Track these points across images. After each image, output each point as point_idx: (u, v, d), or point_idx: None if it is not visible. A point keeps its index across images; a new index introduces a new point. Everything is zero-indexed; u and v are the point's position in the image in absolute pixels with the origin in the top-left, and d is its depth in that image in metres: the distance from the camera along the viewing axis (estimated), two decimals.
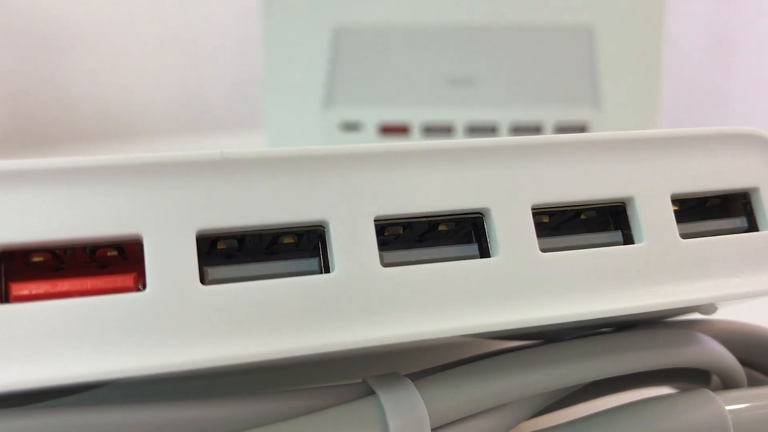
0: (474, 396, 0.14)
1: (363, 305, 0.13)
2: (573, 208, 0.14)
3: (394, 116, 0.35)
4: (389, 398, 0.13)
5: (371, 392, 0.14)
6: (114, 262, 0.13)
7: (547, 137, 0.14)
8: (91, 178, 0.12)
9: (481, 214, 0.14)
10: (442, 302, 0.13)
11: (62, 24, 0.72)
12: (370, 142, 0.19)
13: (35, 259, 0.12)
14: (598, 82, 0.35)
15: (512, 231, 0.14)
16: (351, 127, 0.36)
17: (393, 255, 0.14)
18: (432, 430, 0.14)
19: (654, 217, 0.15)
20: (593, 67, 0.35)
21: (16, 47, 0.71)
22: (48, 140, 0.72)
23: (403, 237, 0.14)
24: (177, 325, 0.12)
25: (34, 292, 0.12)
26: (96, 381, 0.12)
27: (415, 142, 0.14)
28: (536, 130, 0.35)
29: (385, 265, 0.13)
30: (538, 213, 0.14)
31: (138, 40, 0.75)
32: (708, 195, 0.15)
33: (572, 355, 0.15)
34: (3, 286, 0.12)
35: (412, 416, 0.13)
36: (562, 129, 0.35)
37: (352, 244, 0.13)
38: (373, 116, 0.36)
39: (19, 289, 0.12)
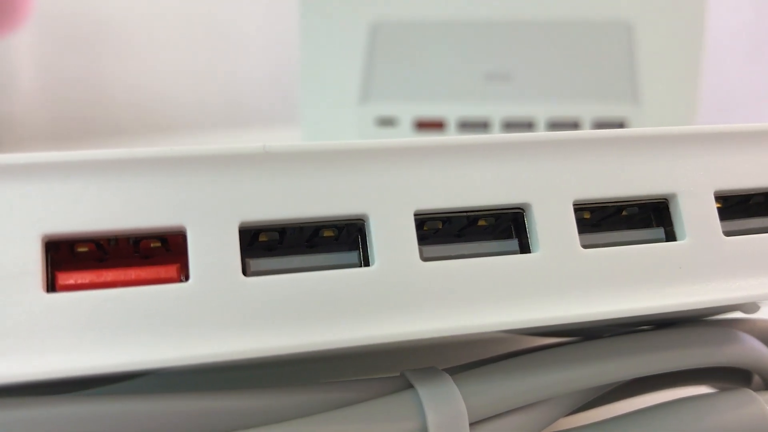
0: (512, 392, 0.14)
1: (402, 299, 0.13)
2: (615, 204, 0.14)
3: (430, 111, 0.35)
4: (427, 392, 0.13)
5: (409, 386, 0.14)
6: (157, 254, 0.13)
7: (590, 132, 0.14)
8: (136, 170, 0.12)
9: (522, 209, 0.14)
10: (482, 297, 0.13)
11: (100, 22, 0.73)
12: (405, 137, 0.19)
13: (80, 249, 0.13)
14: (637, 77, 0.35)
15: (553, 227, 0.14)
16: (386, 122, 0.36)
17: (432, 249, 0.14)
18: (470, 425, 0.14)
19: (697, 214, 0.14)
20: (632, 62, 0.35)
21: (55, 46, 0.72)
22: (87, 135, 0.73)
23: (442, 232, 0.14)
24: (220, 315, 0.12)
25: (79, 281, 0.12)
26: (139, 370, 0.12)
27: (457, 136, 0.14)
28: (574, 126, 0.35)
29: (424, 259, 0.13)
30: (580, 209, 0.14)
31: (174, 35, 0.76)
32: (752, 192, 0.15)
33: (611, 352, 0.15)
34: (49, 275, 0.12)
35: (451, 411, 0.13)
36: (600, 125, 0.35)
37: (392, 237, 0.13)
38: (408, 111, 0.36)
39: (65, 278, 0.12)
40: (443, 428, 0.13)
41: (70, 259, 0.13)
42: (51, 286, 0.12)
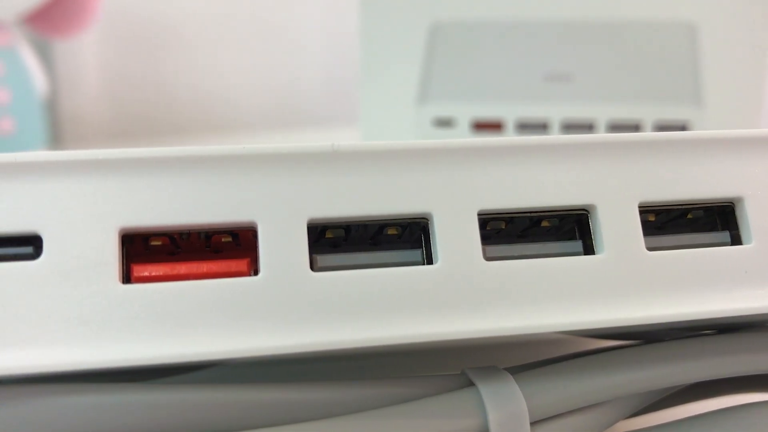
0: (573, 393, 0.14)
1: (465, 297, 0.13)
2: (680, 207, 0.14)
3: (488, 112, 0.35)
4: (489, 391, 0.14)
5: (470, 384, 0.14)
6: (227, 248, 0.13)
7: (656, 134, 0.14)
8: (210, 168, 0.13)
9: (587, 210, 0.14)
10: (545, 298, 0.13)
11: (163, 24, 0.75)
12: (463, 138, 0.19)
13: (154, 242, 0.13)
14: (701, 79, 0.34)
15: (618, 228, 0.14)
16: (444, 123, 0.36)
17: (495, 249, 0.14)
18: (530, 424, 0.14)
19: (764, 218, 0.14)
20: (695, 63, 0.34)
21: (119, 46, 0.74)
22: (148, 133, 0.75)
23: (505, 232, 0.14)
24: (288, 309, 0.12)
25: (153, 273, 0.13)
26: (209, 361, 0.12)
27: (522, 137, 0.14)
28: (635, 128, 0.34)
29: (487, 258, 0.13)
30: (645, 211, 0.14)
31: (234, 36, 0.77)
32: None
33: (674, 355, 0.15)
34: (124, 267, 0.13)
35: (512, 410, 0.13)
36: (661, 127, 0.34)
37: (456, 237, 0.13)
38: (466, 112, 0.36)
39: (139, 270, 0.13)
40: (504, 427, 0.13)
41: (143, 252, 0.13)
42: (126, 278, 0.13)
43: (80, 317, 0.12)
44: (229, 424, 0.13)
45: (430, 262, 0.13)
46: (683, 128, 0.34)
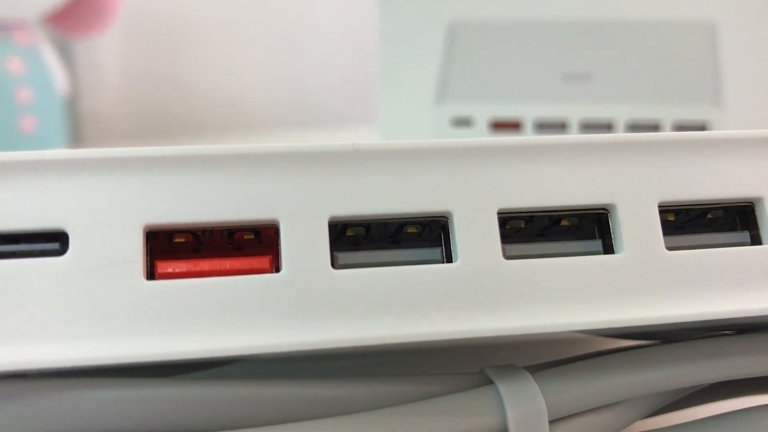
0: (591, 391, 0.14)
1: (485, 296, 0.13)
2: (700, 206, 0.14)
3: (507, 112, 0.35)
4: (508, 389, 0.14)
5: (489, 382, 0.14)
6: (249, 245, 0.14)
7: (676, 134, 0.14)
8: (233, 166, 0.13)
9: (606, 210, 0.14)
10: (564, 297, 0.13)
11: (182, 23, 0.75)
12: (481, 137, 0.19)
13: (177, 239, 0.13)
14: (720, 80, 0.34)
15: (638, 228, 0.14)
16: (462, 122, 0.36)
17: (515, 248, 0.14)
18: (549, 422, 0.14)
19: None
20: (715, 64, 0.34)
21: (139, 46, 0.75)
22: (167, 132, 0.75)
23: (525, 231, 0.14)
24: (309, 306, 0.12)
25: (177, 270, 0.13)
26: (232, 356, 0.12)
27: (542, 136, 0.14)
28: (654, 128, 0.34)
29: (507, 257, 0.13)
30: (664, 211, 0.14)
31: (252, 36, 0.77)
32: None
33: (693, 355, 0.15)
34: (149, 263, 0.13)
35: (531, 408, 0.13)
36: (681, 128, 0.34)
37: (475, 235, 0.13)
38: (485, 112, 0.36)
39: (163, 267, 0.13)
40: (523, 425, 0.13)
41: (166, 248, 0.13)
42: (150, 274, 0.13)
43: (105, 312, 0.12)
44: (251, 419, 0.13)
45: (449, 260, 0.13)
46: (702, 129, 0.34)
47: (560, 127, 0.35)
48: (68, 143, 0.55)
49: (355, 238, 0.14)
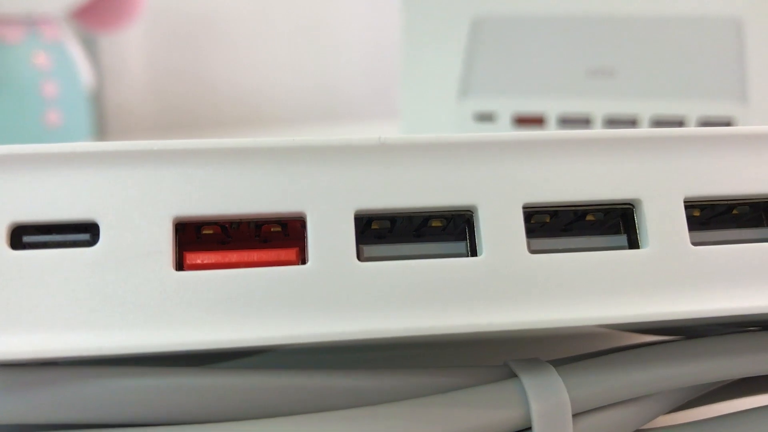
0: (615, 386, 0.14)
1: (510, 289, 0.13)
2: (726, 202, 0.14)
3: (530, 107, 0.35)
4: (532, 382, 0.14)
5: (513, 375, 0.14)
6: (276, 238, 0.14)
7: (702, 129, 0.14)
8: (261, 159, 0.13)
9: (632, 205, 0.14)
10: (589, 291, 0.13)
11: (205, 18, 0.76)
12: (504, 132, 0.19)
13: (206, 231, 0.13)
14: (746, 75, 0.34)
15: (663, 223, 0.14)
16: (485, 117, 0.36)
17: (540, 242, 0.14)
18: (572, 416, 0.14)
19: None
20: (741, 59, 0.34)
21: (162, 41, 0.75)
22: (191, 126, 0.76)
23: (549, 225, 0.14)
24: (336, 297, 0.13)
25: (205, 261, 0.13)
26: (259, 346, 0.13)
27: (568, 130, 0.14)
28: (678, 124, 0.34)
29: (532, 251, 0.13)
30: (690, 206, 0.14)
31: (274, 30, 0.78)
32: None
33: (717, 351, 0.15)
34: (178, 254, 0.13)
35: (555, 401, 0.13)
36: (705, 124, 0.34)
37: (500, 229, 0.13)
38: (508, 107, 0.36)
39: (192, 258, 0.13)
40: (547, 418, 0.13)
41: (194, 240, 0.13)
42: (179, 265, 0.13)
43: (135, 302, 0.12)
44: (277, 409, 0.13)
45: (474, 254, 0.14)
46: (727, 125, 0.34)
47: (584, 122, 0.35)
48: (92, 137, 0.55)
49: (380, 232, 0.14)
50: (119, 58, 0.74)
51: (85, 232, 0.13)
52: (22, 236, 0.13)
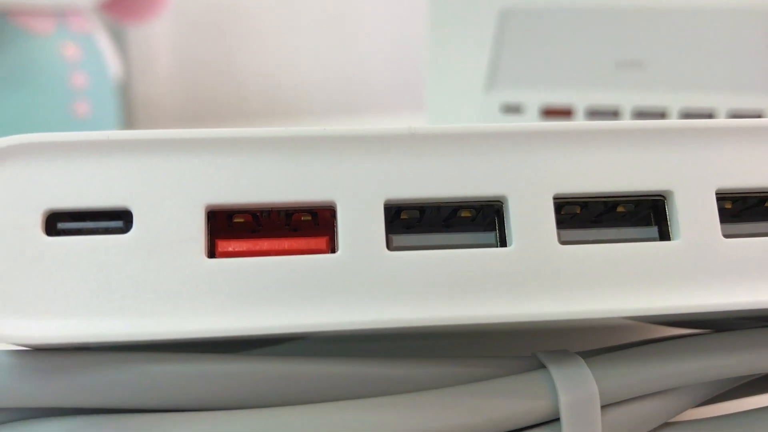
0: (644, 378, 0.14)
1: (539, 280, 0.13)
2: (758, 195, 0.14)
3: (558, 99, 0.35)
4: (560, 373, 0.14)
5: (541, 366, 0.14)
6: (306, 227, 0.14)
7: (733, 121, 0.14)
8: (292, 149, 0.13)
9: (663, 196, 0.14)
10: (619, 283, 0.13)
11: (231, 10, 0.76)
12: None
13: (237, 219, 0.14)
14: None
15: (695, 215, 0.13)
16: (512, 109, 0.36)
17: (570, 233, 0.14)
18: (600, 407, 0.14)
19: None
20: None
21: (190, 33, 0.76)
22: (218, 118, 0.76)
23: (580, 216, 0.14)
24: (365, 286, 0.13)
25: (237, 249, 0.13)
26: (291, 333, 0.13)
27: (599, 122, 0.14)
28: (708, 116, 0.34)
29: (562, 242, 0.13)
30: (722, 198, 0.14)
31: (301, 23, 0.78)
32: None
33: (747, 344, 0.15)
34: (210, 242, 0.13)
35: (583, 392, 0.13)
36: (735, 116, 0.33)
37: (531, 220, 0.13)
38: (535, 99, 0.35)
39: (224, 245, 0.13)
40: (575, 409, 0.13)
41: (226, 228, 0.14)
42: (211, 253, 0.13)
43: (168, 289, 0.13)
44: (309, 396, 0.13)
45: (504, 244, 0.13)
46: (758, 117, 0.33)
47: (612, 114, 0.35)
48: (120, 128, 0.56)
49: (409, 222, 0.14)
50: (147, 49, 0.75)
51: (119, 220, 0.13)
52: (57, 223, 0.13)
